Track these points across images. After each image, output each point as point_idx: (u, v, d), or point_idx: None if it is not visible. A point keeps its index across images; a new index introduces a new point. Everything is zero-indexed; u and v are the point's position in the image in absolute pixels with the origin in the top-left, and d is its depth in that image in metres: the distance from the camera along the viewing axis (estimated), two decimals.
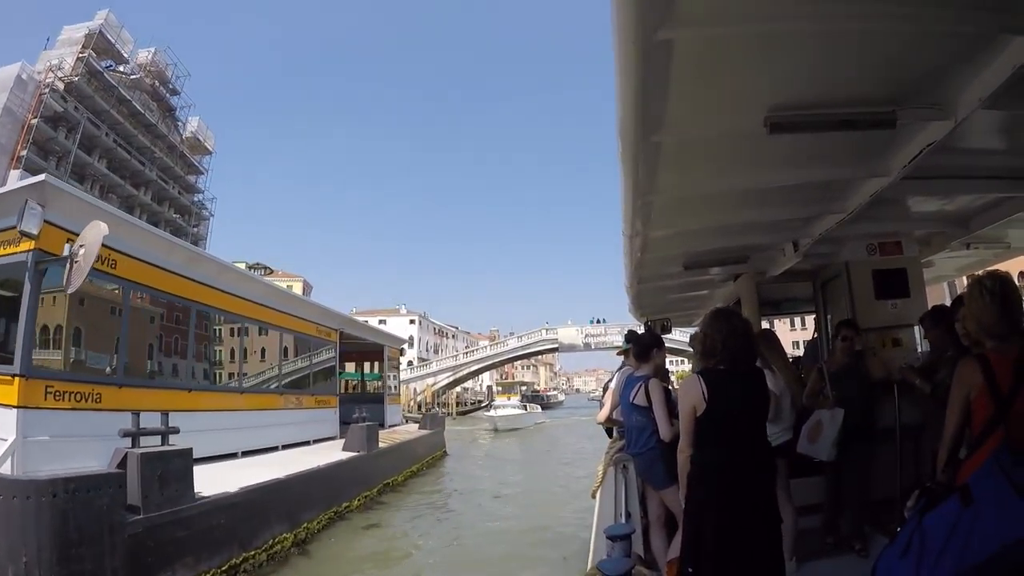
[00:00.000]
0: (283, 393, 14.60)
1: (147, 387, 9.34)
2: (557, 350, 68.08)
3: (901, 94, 2.78)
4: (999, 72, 2.42)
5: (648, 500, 4.46)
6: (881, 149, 3.40)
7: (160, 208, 47.63)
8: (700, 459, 2.89)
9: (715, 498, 2.79)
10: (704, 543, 2.75)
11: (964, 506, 1.93)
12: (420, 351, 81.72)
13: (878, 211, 4.32)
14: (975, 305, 2.31)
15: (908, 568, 1.97)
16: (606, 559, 3.17)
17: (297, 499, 9.96)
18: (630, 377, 4.43)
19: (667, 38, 2.10)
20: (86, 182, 39.51)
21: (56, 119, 36.90)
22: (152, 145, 46.17)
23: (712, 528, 2.73)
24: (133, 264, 8.91)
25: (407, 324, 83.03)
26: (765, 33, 2.28)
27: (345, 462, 12.78)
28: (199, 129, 53.71)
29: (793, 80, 2.66)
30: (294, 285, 64.42)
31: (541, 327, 66.16)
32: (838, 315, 6.04)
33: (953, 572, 1.85)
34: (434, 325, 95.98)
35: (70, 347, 7.86)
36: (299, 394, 15.43)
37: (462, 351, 71.44)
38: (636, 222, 4.21)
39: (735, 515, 2.73)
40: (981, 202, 4.93)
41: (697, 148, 3.31)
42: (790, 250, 5.30)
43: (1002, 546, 1.78)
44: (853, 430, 4.37)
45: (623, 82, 2.35)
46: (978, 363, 2.20)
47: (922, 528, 2.01)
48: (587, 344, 64.97)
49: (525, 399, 78.36)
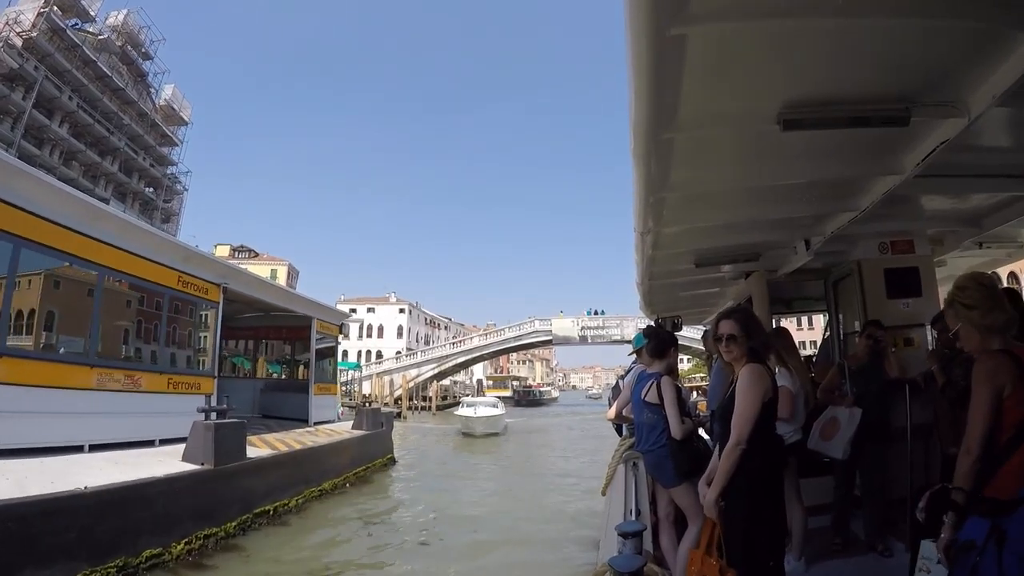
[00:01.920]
0: (98, 366, 9.51)
1: None
2: (551, 343, 63.69)
3: (915, 91, 2.76)
4: (1013, 69, 2.41)
5: (657, 498, 4.47)
6: (894, 147, 3.39)
7: (128, 179, 45.04)
8: (766, 454, 2.97)
9: (777, 492, 2.98)
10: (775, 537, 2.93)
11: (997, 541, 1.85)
12: (409, 341, 77.85)
13: (891, 209, 4.30)
14: (981, 303, 2.19)
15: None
16: (617, 555, 3.18)
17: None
18: (642, 374, 4.44)
19: (680, 34, 2.11)
20: (45, 147, 37.65)
21: (11, 77, 34.33)
22: (120, 111, 43.35)
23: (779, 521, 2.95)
24: None
25: (396, 313, 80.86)
26: (778, 29, 2.28)
27: (159, 482, 8.02)
28: (174, 97, 50.20)
29: (806, 77, 2.66)
30: (279, 269, 64.19)
31: (533, 317, 61.56)
32: (850, 314, 6.02)
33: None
34: (426, 315, 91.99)
35: None
36: (132, 370, 10.35)
37: (449, 342, 67.42)
38: (648, 219, 4.22)
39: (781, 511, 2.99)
40: (994, 201, 4.89)
41: (710, 145, 3.30)
42: (802, 248, 5.29)
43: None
44: (869, 430, 4.37)
45: (636, 79, 2.36)
46: (1008, 357, 2.06)
47: (1002, 532, 1.88)
48: (583, 337, 60.34)
49: (517, 394, 76.39)
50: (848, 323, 6.29)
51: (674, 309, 9.67)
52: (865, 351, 4.72)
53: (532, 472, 20.53)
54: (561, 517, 12.19)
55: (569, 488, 15.62)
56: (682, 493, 4.05)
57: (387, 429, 18.76)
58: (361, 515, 11.97)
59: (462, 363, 62.44)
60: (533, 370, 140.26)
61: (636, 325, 49.96)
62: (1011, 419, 2.02)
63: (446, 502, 14.03)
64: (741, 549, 2.86)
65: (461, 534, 10.91)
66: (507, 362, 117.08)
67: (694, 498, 4.07)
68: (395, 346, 70.84)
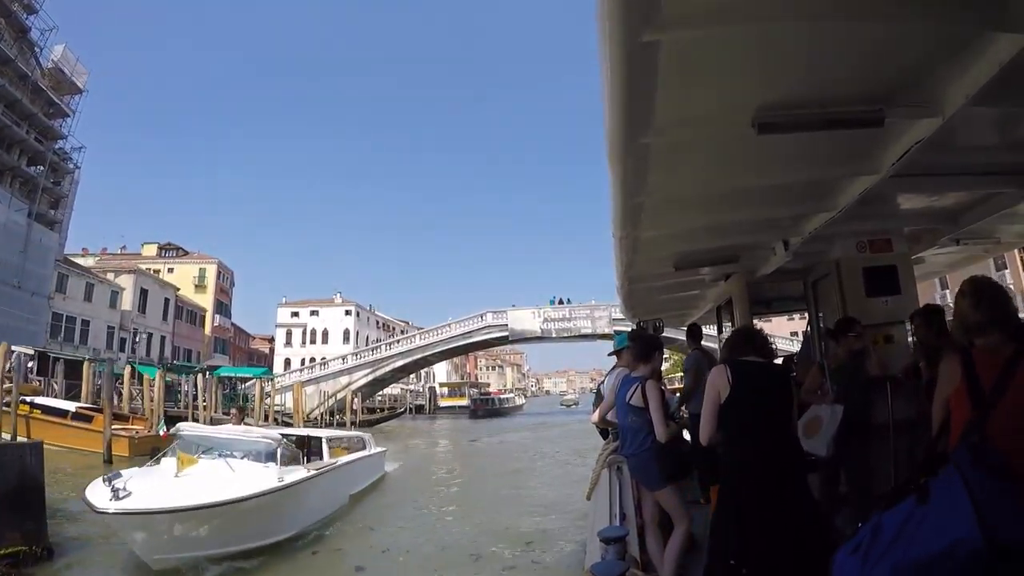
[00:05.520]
0: None
1: None
2: (507, 339, 52.18)
3: (888, 92, 2.78)
4: (985, 69, 2.42)
5: (643, 501, 4.46)
6: (870, 147, 3.41)
7: (8, 156, 35.29)
8: (730, 453, 3.03)
9: (746, 492, 2.94)
10: (744, 539, 2.88)
11: (919, 503, 1.89)
12: (358, 347, 62.59)
13: (868, 209, 4.33)
14: (958, 306, 2.27)
15: (855, 563, 1.93)
16: (599, 562, 3.16)
17: None
18: (626, 377, 4.42)
19: (653, 40, 2.09)
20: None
21: None
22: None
23: (755, 522, 2.87)
24: None
25: (343, 315, 71.01)
26: (751, 34, 2.28)
27: None
28: (65, 59, 40.81)
29: (780, 80, 2.66)
30: (207, 268, 59.20)
31: (486, 310, 50.61)
32: (830, 313, 6.05)
33: (891, 568, 1.81)
34: (378, 318, 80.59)
35: None
36: None
37: (385, 343, 54.90)
38: (626, 224, 4.20)
39: (770, 507, 2.87)
40: (970, 198, 4.94)
41: (686, 148, 3.30)
42: (780, 249, 5.32)
43: (945, 545, 1.74)
44: (851, 426, 4.38)
45: (610, 85, 2.34)
46: (959, 359, 2.15)
47: (878, 525, 1.97)
48: (546, 331, 49.81)
49: (474, 403, 64.39)
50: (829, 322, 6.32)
51: (655, 312, 9.68)
52: (844, 349, 4.74)
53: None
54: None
55: None
56: (667, 495, 4.04)
57: None
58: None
59: (402, 367, 50.64)
60: (504, 376, 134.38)
61: (610, 316, 46.11)
62: (955, 418, 2.12)
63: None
64: None
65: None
66: (474, 368, 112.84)
67: (679, 500, 4.08)
68: (342, 352, 57.54)
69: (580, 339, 51.48)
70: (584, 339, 51.26)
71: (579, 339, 51.52)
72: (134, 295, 46.22)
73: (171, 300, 51.69)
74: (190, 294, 56.30)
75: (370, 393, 51.60)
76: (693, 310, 9.67)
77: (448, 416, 61.54)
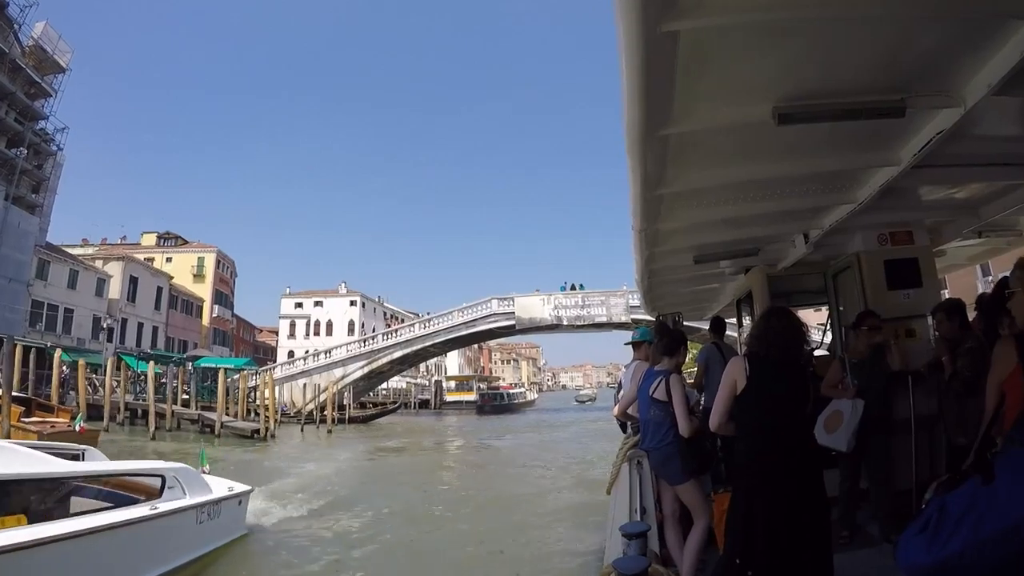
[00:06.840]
0: None
1: None
2: (514, 329, 46.65)
3: (910, 82, 2.76)
4: (1008, 58, 2.41)
5: (663, 496, 4.45)
6: (891, 138, 3.39)
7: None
8: (743, 448, 2.99)
9: (757, 489, 2.88)
10: (753, 536, 2.83)
11: (984, 483, 1.91)
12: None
13: (888, 201, 4.29)
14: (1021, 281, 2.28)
15: (922, 544, 1.95)
16: (622, 557, 3.16)
17: None
18: (649, 371, 4.42)
19: (672, 30, 2.10)
20: None
21: None
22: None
23: (762, 520, 2.80)
24: None
25: (347, 306, 68.00)
26: (771, 22, 2.28)
27: None
28: (46, 36, 38.61)
29: (801, 70, 2.65)
30: (206, 257, 57.87)
31: (492, 297, 45.87)
32: (850, 306, 6.00)
33: (962, 547, 1.83)
34: (387, 309, 76.91)
35: None
36: None
37: (381, 332, 50.24)
38: (646, 217, 4.21)
39: (779, 506, 2.79)
40: (992, 189, 4.88)
41: (705, 140, 3.30)
42: (800, 241, 5.28)
43: (1015, 520, 1.76)
44: (872, 421, 4.36)
45: (629, 77, 2.35)
46: (1015, 344, 2.17)
47: (943, 506, 1.99)
48: (557, 319, 44.99)
49: (482, 398, 60.54)
50: (849, 316, 6.28)
51: (675, 305, 9.65)
52: (864, 343, 4.72)
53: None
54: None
55: None
56: (688, 490, 4.03)
57: None
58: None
59: (401, 359, 46.09)
60: (519, 370, 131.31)
61: (627, 303, 43.13)
62: (1010, 401, 2.17)
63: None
64: None
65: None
66: (488, 362, 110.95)
67: (700, 495, 4.07)
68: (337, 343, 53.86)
69: (595, 328, 47.07)
70: (599, 328, 46.95)
71: (593, 328, 47.14)
72: (123, 283, 44.50)
73: (164, 289, 49.76)
74: (189, 284, 54.93)
75: (368, 387, 49.17)
76: (713, 303, 9.63)
77: (454, 412, 57.89)
